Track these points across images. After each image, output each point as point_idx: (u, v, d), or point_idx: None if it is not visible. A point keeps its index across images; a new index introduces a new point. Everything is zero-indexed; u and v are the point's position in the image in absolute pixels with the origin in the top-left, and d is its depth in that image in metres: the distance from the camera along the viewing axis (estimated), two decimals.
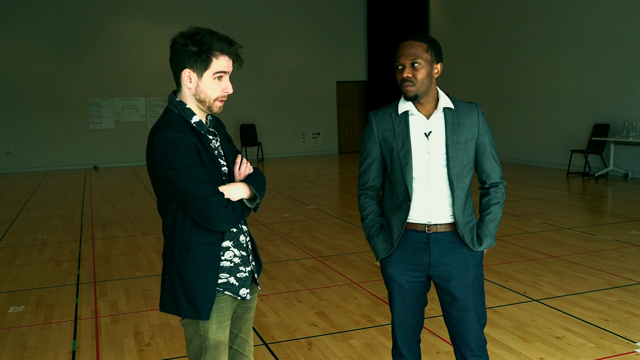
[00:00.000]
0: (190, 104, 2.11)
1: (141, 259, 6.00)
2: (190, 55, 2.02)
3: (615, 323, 3.95)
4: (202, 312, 2.08)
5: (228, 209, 2.03)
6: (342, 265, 5.56)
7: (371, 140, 2.43)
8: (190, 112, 2.09)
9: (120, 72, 15.42)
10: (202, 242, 2.08)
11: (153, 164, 2.04)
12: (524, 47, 13.13)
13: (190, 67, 2.04)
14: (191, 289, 2.08)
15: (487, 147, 2.40)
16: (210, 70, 2.04)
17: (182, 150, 1.98)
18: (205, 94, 2.07)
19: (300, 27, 16.94)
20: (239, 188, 2.12)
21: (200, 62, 2.03)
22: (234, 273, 2.16)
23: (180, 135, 1.99)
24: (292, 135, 17.29)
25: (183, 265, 2.08)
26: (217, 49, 2.03)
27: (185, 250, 2.08)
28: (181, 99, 2.11)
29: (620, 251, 5.77)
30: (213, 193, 2.00)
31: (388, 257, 2.44)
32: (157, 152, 2.00)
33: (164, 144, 1.98)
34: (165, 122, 2.05)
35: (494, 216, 2.42)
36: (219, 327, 2.14)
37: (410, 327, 2.51)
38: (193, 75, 2.05)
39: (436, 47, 2.32)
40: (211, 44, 2.02)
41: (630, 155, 10.75)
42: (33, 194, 11.01)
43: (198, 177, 1.98)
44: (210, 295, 2.09)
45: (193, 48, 2.02)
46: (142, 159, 15.79)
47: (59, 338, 3.97)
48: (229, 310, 2.17)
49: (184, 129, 2.03)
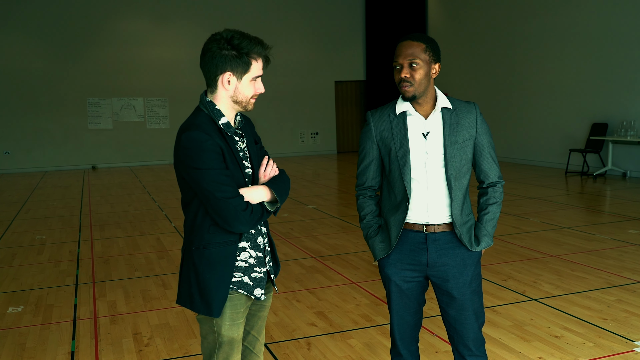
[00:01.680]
0: (220, 105, 2.16)
1: (140, 259, 6.00)
2: (230, 59, 2.09)
3: (613, 322, 3.95)
4: (214, 309, 2.14)
5: (247, 211, 2.08)
6: (341, 265, 5.57)
7: (369, 140, 2.44)
8: (219, 113, 2.15)
9: (118, 72, 15.41)
10: (219, 241, 2.14)
11: (179, 162, 2.11)
12: (522, 46, 13.14)
13: (231, 71, 2.11)
14: (205, 285, 2.13)
15: (485, 146, 2.41)
16: (250, 73, 2.13)
17: (207, 151, 2.04)
18: (243, 95, 2.15)
19: (298, 27, 16.94)
20: (260, 191, 2.17)
21: (242, 65, 2.11)
22: (248, 273, 2.21)
23: (205, 137, 2.05)
24: (290, 135, 17.29)
25: (199, 262, 2.14)
26: (255, 52, 2.11)
27: (203, 248, 2.14)
28: (212, 100, 2.16)
29: (618, 250, 5.78)
30: (233, 195, 2.06)
31: (386, 257, 2.44)
32: (183, 151, 2.06)
33: (190, 144, 2.04)
34: (194, 121, 2.11)
35: (492, 216, 2.42)
36: (232, 324, 2.19)
37: (409, 327, 2.51)
38: (232, 78, 2.12)
39: (434, 47, 2.32)
40: (250, 48, 2.09)
41: (629, 154, 10.76)
42: (31, 194, 11.00)
43: (220, 179, 2.04)
44: (223, 293, 2.14)
45: (233, 52, 2.08)
46: (140, 159, 15.80)
47: (58, 338, 3.97)
48: (243, 308, 2.21)
49: (211, 130, 2.09)
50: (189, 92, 15.75)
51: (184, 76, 15.71)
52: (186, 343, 3.80)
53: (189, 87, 15.70)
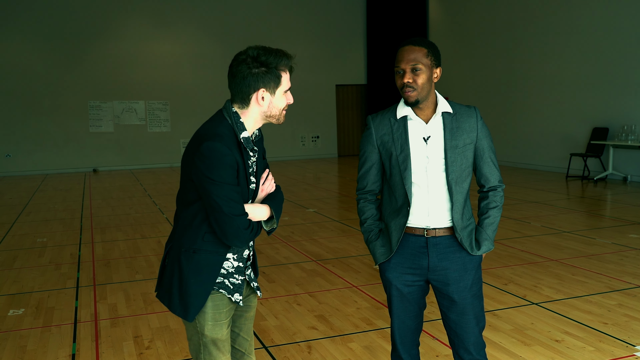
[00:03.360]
0: (248, 119, 2.18)
1: (141, 262, 6.00)
2: (262, 76, 2.12)
3: (614, 326, 3.95)
4: (190, 313, 2.16)
5: (247, 230, 2.11)
6: (342, 268, 5.57)
7: (370, 144, 2.44)
8: (242, 127, 2.16)
9: (119, 75, 15.43)
10: (211, 249, 2.17)
11: (194, 166, 2.10)
12: (523, 50, 13.15)
13: (264, 87, 2.14)
14: (187, 289, 2.15)
15: (486, 151, 2.41)
16: (281, 87, 2.17)
17: (225, 165, 2.05)
18: (277, 108, 2.21)
19: (299, 31, 16.96)
20: (262, 210, 2.20)
21: (274, 80, 2.14)
22: (227, 277, 2.23)
23: (227, 151, 2.06)
24: (291, 138, 17.30)
25: (186, 264, 2.16)
26: (282, 64, 2.15)
27: (193, 252, 2.16)
28: (237, 111, 2.17)
29: (619, 254, 5.78)
30: (239, 213, 2.08)
31: (387, 261, 2.45)
32: (201, 158, 2.06)
33: (210, 154, 2.05)
34: (217, 131, 2.11)
35: (492, 220, 2.42)
36: (215, 324, 2.20)
37: (410, 331, 2.51)
38: (266, 94, 2.15)
39: (435, 51, 2.33)
40: (277, 61, 2.14)
41: (629, 158, 10.76)
42: (32, 197, 11.01)
43: (231, 195, 2.06)
44: (201, 300, 2.16)
45: (263, 69, 2.12)
46: (141, 162, 15.81)
47: (59, 341, 3.97)
48: (226, 308, 2.22)
49: (232, 143, 2.10)
50: (190, 96, 15.78)
51: (185, 79, 15.73)
52: (187, 346, 3.81)
53: (190, 90, 15.73)
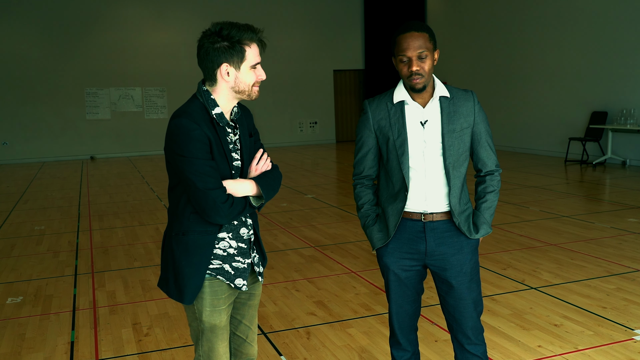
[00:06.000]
0: (219, 96, 2.15)
1: (139, 249, 5.99)
2: (224, 50, 2.08)
3: (613, 310, 3.95)
4: (185, 296, 2.15)
5: (226, 204, 2.07)
6: (340, 254, 5.57)
7: (367, 129, 2.42)
8: (213, 103, 2.14)
9: (116, 62, 15.34)
10: (199, 229, 2.14)
11: (167, 147, 2.11)
12: (521, 34, 13.07)
13: (227, 62, 2.09)
14: (179, 271, 2.14)
15: (483, 135, 2.39)
16: (247, 61, 2.11)
17: (193, 140, 2.03)
18: (245, 83, 2.14)
19: (296, 15, 16.85)
20: (245, 185, 2.16)
21: (236, 54, 2.09)
22: (228, 261, 2.20)
23: (194, 126, 2.04)
24: (289, 124, 17.25)
25: (177, 247, 2.15)
26: (246, 38, 2.09)
27: (182, 234, 2.15)
28: (208, 89, 2.15)
29: (618, 239, 5.78)
30: (214, 187, 2.05)
31: (384, 246, 2.44)
32: (171, 137, 2.08)
33: (178, 131, 2.05)
34: (186, 109, 2.11)
35: (489, 204, 2.41)
36: (212, 311, 2.18)
37: (408, 316, 2.51)
38: (231, 69, 2.11)
39: (433, 34, 2.31)
40: (240, 35, 2.08)
41: (628, 142, 10.74)
42: (30, 184, 10.98)
43: (203, 169, 2.03)
44: (196, 282, 2.14)
45: (224, 43, 2.07)
46: (139, 149, 15.77)
47: (58, 329, 3.97)
48: (224, 295, 2.20)
49: (201, 119, 2.08)
50: (187, 82, 15.68)
51: (182, 66, 15.63)
52: (185, 333, 3.81)
53: (187, 77, 15.62)
